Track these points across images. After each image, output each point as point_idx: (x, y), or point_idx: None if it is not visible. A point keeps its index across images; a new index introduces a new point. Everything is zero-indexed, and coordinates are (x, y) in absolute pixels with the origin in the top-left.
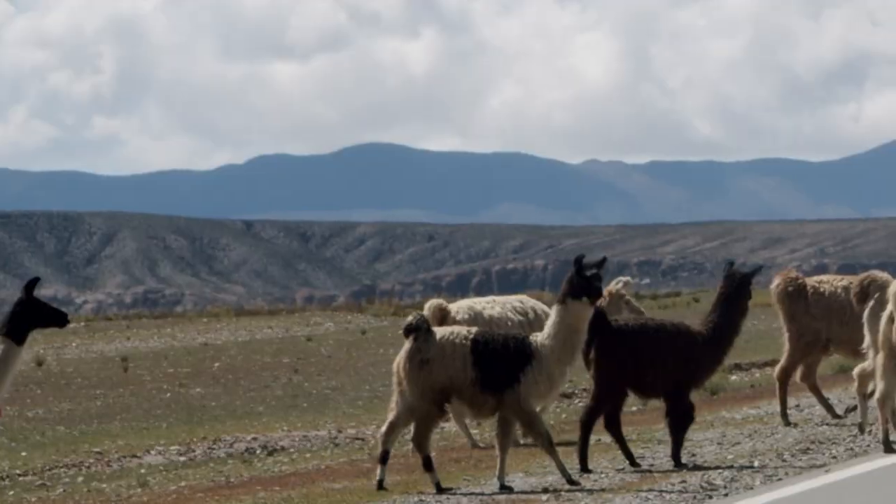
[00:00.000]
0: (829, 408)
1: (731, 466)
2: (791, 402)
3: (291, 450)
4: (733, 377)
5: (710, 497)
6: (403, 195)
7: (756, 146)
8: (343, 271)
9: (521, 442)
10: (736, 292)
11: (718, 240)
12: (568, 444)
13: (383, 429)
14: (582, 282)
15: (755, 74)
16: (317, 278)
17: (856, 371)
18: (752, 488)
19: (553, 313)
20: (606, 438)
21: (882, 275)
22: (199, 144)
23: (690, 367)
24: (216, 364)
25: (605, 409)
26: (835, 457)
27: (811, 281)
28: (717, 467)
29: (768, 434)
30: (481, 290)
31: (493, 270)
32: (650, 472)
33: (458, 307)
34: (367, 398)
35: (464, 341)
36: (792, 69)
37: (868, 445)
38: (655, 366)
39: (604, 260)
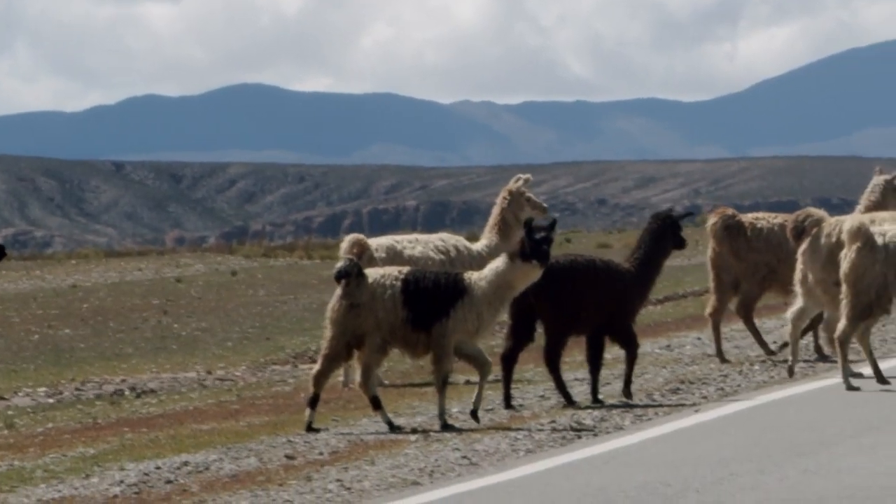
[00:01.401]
0: (719, 350)
1: (601, 406)
2: (662, 342)
3: (160, 391)
4: None
5: (580, 437)
6: (275, 136)
7: (629, 86)
8: (214, 213)
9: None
10: (663, 232)
11: (591, 180)
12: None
13: (359, 378)
14: (532, 245)
15: (628, 13)
16: (188, 220)
17: (822, 325)
18: (622, 428)
19: (500, 262)
20: (474, 378)
21: (818, 211)
22: (69, 85)
23: (620, 303)
24: (85, 306)
25: (561, 346)
26: (705, 397)
27: (747, 217)
28: (588, 407)
29: (638, 374)
30: (353, 231)
31: (364, 211)
32: (520, 412)
33: (378, 244)
34: (237, 339)
35: (394, 282)
36: (665, 7)
37: (738, 385)
38: (586, 302)
39: (554, 222)
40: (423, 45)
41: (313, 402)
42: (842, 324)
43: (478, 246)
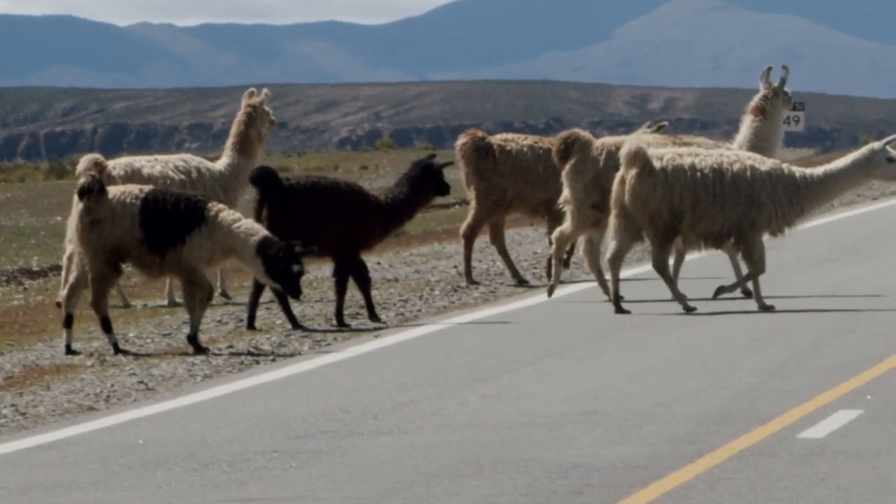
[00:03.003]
0: (515, 272)
1: (280, 331)
2: None
3: None
4: None
5: (258, 363)
6: None
7: (309, 9)
8: None
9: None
10: (421, 179)
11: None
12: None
13: (64, 292)
14: (286, 273)
15: None
16: None
17: (554, 235)
18: (300, 353)
19: (251, 242)
20: (153, 303)
21: (585, 133)
22: None
23: (360, 229)
24: None
25: None
26: (385, 322)
27: (496, 139)
28: (266, 331)
29: (317, 299)
30: (29, 155)
31: (41, 134)
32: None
33: (116, 163)
34: None
35: (134, 200)
36: None
37: (419, 310)
38: (327, 224)
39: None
40: None
41: (105, 325)
42: (653, 253)
43: (219, 165)
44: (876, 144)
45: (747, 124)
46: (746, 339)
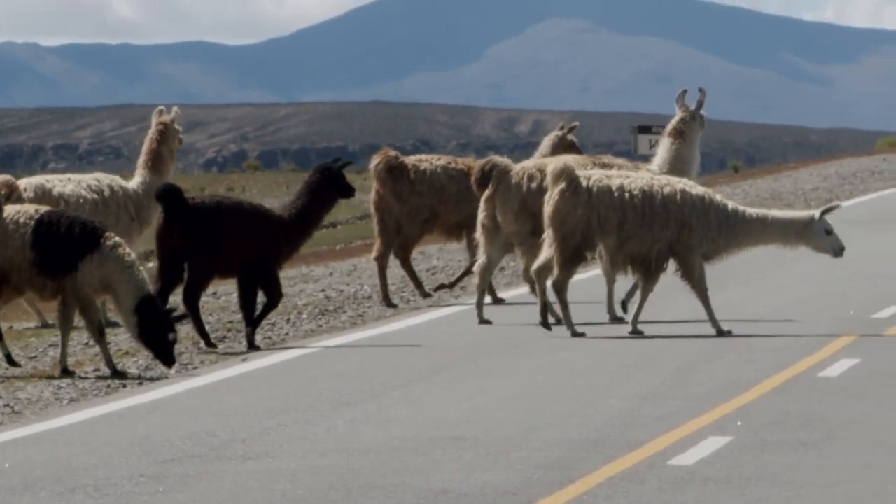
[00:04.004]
0: (385, 295)
1: (146, 355)
2: (210, 289)
3: None
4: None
5: (125, 386)
6: None
7: (176, 29)
8: None
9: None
10: (322, 184)
11: (137, 124)
12: None
13: None
14: (156, 332)
15: None
16: None
17: (533, 272)
18: (167, 377)
19: (133, 294)
20: (19, 325)
21: (503, 160)
22: None
23: (267, 248)
24: None
25: (203, 286)
26: (260, 347)
27: (411, 160)
28: (133, 355)
29: (186, 322)
30: None
31: None
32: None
33: (28, 183)
34: None
35: (28, 221)
36: None
37: (287, 334)
38: (231, 244)
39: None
40: None
41: None
42: (555, 272)
43: (132, 184)
44: (816, 213)
45: (666, 147)
46: (617, 365)
